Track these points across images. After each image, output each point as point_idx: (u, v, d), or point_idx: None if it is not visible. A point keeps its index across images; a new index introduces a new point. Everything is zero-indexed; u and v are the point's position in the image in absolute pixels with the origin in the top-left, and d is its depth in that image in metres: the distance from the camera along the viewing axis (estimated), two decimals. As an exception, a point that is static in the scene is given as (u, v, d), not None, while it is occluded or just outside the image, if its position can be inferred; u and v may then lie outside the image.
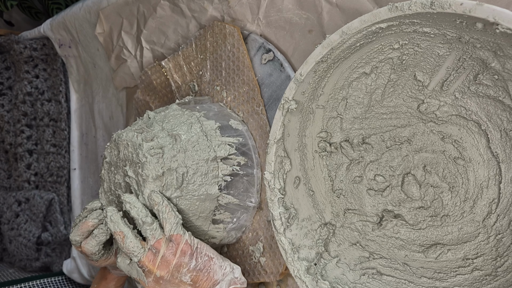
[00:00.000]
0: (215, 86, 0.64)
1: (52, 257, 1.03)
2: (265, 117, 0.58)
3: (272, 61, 0.58)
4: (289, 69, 0.57)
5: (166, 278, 0.47)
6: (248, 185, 0.57)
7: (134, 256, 0.48)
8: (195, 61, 0.68)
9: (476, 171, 0.47)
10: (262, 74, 0.59)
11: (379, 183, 0.53)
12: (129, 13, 0.78)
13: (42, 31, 1.00)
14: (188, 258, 0.48)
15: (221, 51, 0.63)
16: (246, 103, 0.60)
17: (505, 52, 0.39)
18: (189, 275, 0.48)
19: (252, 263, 0.59)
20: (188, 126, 0.55)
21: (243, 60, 0.60)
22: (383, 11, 0.39)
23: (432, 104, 0.48)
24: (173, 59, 0.71)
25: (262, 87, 0.59)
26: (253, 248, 0.59)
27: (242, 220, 0.58)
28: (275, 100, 0.58)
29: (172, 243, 0.48)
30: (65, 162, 1.02)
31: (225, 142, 0.56)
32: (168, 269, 0.47)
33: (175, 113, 0.57)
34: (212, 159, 0.54)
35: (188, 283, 0.48)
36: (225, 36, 0.62)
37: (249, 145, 0.58)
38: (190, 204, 0.52)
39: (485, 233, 0.46)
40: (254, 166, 0.58)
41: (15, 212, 1.00)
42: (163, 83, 0.73)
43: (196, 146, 0.53)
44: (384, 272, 0.50)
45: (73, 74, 1.01)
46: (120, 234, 0.48)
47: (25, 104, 1.03)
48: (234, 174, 0.56)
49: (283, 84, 0.57)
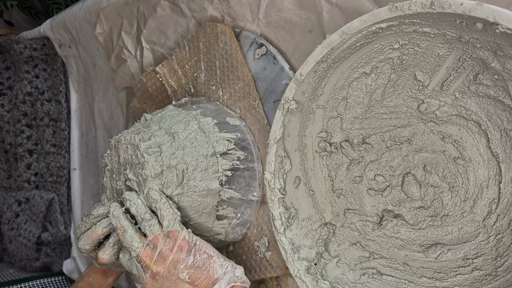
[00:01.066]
0: (210, 86, 0.65)
1: (52, 257, 1.03)
2: (262, 111, 0.58)
3: (265, 55, 0.59)
4: (282, 61, 0.57)
5: (163, 274, 0.47)
6: (249, 179, 0.57)
7: (133, 250, 0.48)
8: (189, 63, 0.68)
9: (476, 171, 0.47)
10: (256, 69, 0.60)
11: (379, 183, 0.53)
12: (129, 13, 0.78)
13: (42, 31, 1.00)
14: (185, 254, 0.48)
15: (214, 50, 0.64)
16: (242, 99, 0.61)
17: (505, 52, 0.39)
18: (186, 272, 0.47)
19: (258, 258, 0.59)
20: (185, 124, 0.55)
21: (236, 56, 0.61)
22: (383, 11, 0.39)
23: (432, 104, 0.48)
24: (167, 64, 0.71)
25: (257, 82, 0.60)
26: (258, 243, 0.59)
27: (246, 215, 0.58)
28: (271, 93, 0.58)
29: (170, 239, 0.48)
30: (65, 162, 1.02)
31: (224, 137, 0.56)
32: (164, 265, 0.47)
33: (172, 113, 0.57)
34: (211, 154, 0.54)
35: (186, 281, 0.47)
36: (217, 35, 0.63)
37: (248, 139, 0.59)
38: (192, 201, 0.53)
39: (485, 233, 0.46)
40: (255, 160, 0.58)
41: (15, 212, 1.00)
42: (159, 89, 0.73)
43: (194, 142, 0.53)
44: (384, 272, 0.50)
45: (73, 74, 1.01)
46: (121, 228, 0.49)
47: (25, 104, 1.03)
48: (235, 168, 0.56)
49: (278, 77, 0.57)
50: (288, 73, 0.56)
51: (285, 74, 0.57)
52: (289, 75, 0.56)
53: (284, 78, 0.57)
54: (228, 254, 0.63)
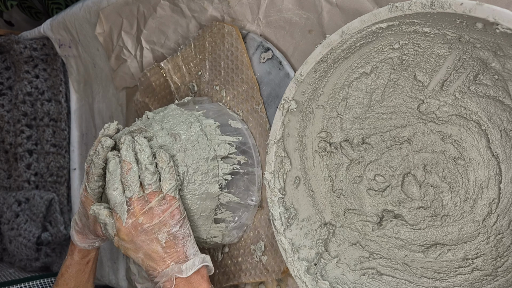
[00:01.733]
0: (214, 86, 0.64)
1: (52, 257, 1.03)
2: (264, 115, 0.58)
3: (270, 60, 0.58)
4: (287, 67, 0.57)
5: (146, 228, 0.48)
6: (248, 184, 0.57)
7: (129, 190, 0.48)
8: (194, 61, 0.67)
9: (476, 171, 0.47)
10: (261, 72, 0.59)
11: (379, 183, 0.53)
12: (129, 13, 0.78)
13: (42, 31, 1.00)
14: (174, 221, 0.48)
15: (219, 50, 0.63)
16: (245, 102, 0.60)
17: (505, 52, 0.39)
18: (165, 236, 0.48)
19: (254, 262, 0.59)
20: (187, 125, 0.54)
21: (241, 59, 0.60)
22: (383, 11, 0.39)
23: (432, 104, 0.48)
24: (172, 60, 0.71)
25: (261, 86, 0.59)
26: (255, 247, 0.59)
27: (243, 218, 0.58)
28: (274, 98, 0.58)
29: (165, 201, 0.48)
30: (65, 162, 1.02)
31: (225, 141, 0.56)
32: (151, 221, 0.48)
33: (174, 112, 0.57)
34: (212, 158, 0.54)
35: (161, 243, 0.48)
36: (224, 35, 0.62)
37: (249, 143, 0.58)
38: (191, 203, 0.52)
39: (485, 233, 0.46)
40: (255, 164, 0.58)
41: (15, 212, 1.00)
42: (162, 84, 0.73)
43: (196, 145, 0.53)
44: (384, 272, 0.50)
45: (73, 74, 1.01)
46: (128, 165, 0.48)
47: (25, 104, 1.03)
48: (235, 172, 0.56)
49: (282, 82, 0.57)
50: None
51: (290, 79, 0.56)
52: None
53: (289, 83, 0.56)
54: (224, 255, 0.63)
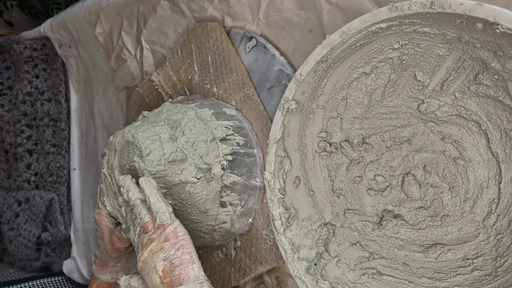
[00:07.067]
0: (205, 85, 0.66)
1: (52, 257, 1.03)
2: (257, 98, 0.59)
3: (255, 47, 0.60)
4: (272, 49, 0.58)
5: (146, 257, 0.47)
6: (251, 165, 0.58)
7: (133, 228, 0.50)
8: (183, 67, 0.69)
9: (476, 171, 0.47)
10: (248, 61, 0.61)
11: (379, 183, 0.53)
12: (129, 13, 0.78)
13: (42, 31, 1.00)
14: (169, 245, 0.46)
15: (206, 49, 0.65)
16: (237, 91, 0.62)
17: (505, 52, 0.39)
18: (162, 264, 0.45)
19: (268, 247, 0.59)
20: (183, 113, 0.56)
21: (227, 49, 0.62)
22: (383, 11, 0.39)
23: (432, 104, 0.48)
24: (162, 71, 0.72)
25: (250, 74, 0.61)
26: (266, 231, 0.59)
27: (251, 203, 0.58)
28: (265, 82, 0.59)
29: (160, 230, 0.47)
30: (65, 162, 1.02)
31: (222, 124, 0.57)
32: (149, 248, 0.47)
33: (169, 107, 0.59)
34: (210, 139, 0.55)
35: (158, 273, 0.45)
36: (208, 33, 0.64)
37: (246, 128, 0.59)
38: (196, 187, 0.53)
39: (485, 233, 0.46)
40: (254, 146, 0.59)
41: (15, 212, 1.00)
42: (155, 97, 0.75)
43: (193, 129, 0.55)
44: (384, 272, 0.50)
45: (73, 74, 1.01)
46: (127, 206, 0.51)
47: (25, 104, 1.03)
48: (236, 153, 0.57)
49: (270, 64, 0.58)
50: (279, 59, 0.57)
51: (277, 60, 0.57)
52: (280, 61, 0.57)
53: (276, 64, 0.57)
54: (237, 250, 0.63)
